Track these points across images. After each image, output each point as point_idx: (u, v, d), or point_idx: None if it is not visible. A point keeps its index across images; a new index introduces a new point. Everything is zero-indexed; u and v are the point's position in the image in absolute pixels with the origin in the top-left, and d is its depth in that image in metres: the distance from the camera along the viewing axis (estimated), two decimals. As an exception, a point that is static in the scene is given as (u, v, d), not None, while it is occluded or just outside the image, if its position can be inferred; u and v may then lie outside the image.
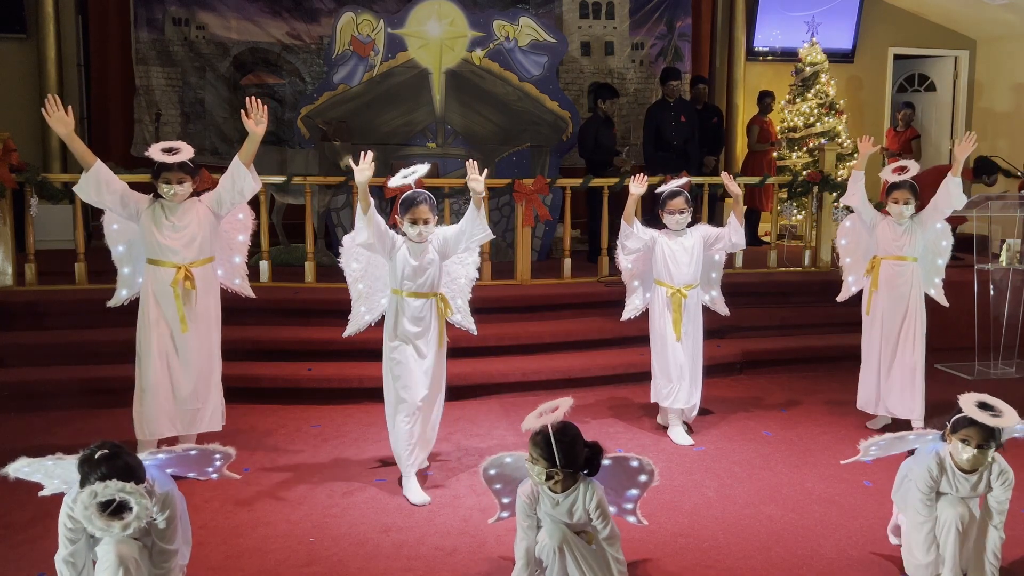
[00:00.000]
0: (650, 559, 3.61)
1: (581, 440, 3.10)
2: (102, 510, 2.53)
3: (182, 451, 3.08)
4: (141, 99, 8.91)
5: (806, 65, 9.41)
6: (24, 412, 5.27)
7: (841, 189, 7.48)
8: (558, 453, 2.99)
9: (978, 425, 3.07)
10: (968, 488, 3.19)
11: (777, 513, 4.05)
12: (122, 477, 2.56)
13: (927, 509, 3.25)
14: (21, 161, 6.53)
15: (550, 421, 3.00)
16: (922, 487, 3.24)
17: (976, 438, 3.09)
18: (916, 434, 3.44)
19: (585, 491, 3.08)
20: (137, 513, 2.54)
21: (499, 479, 3.38)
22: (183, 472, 3.15)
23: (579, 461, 3.08)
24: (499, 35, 8.06)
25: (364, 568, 3.50)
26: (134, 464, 2.69)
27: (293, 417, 5.33)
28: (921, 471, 3.24)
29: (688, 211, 4.91)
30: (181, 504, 2.96)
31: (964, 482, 3.18)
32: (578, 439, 3.08)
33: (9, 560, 3.52)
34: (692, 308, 4.97)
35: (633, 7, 9.73)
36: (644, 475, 3.26)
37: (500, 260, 7.57)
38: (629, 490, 3.34)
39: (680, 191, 4.92)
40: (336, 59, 7.88)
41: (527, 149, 8.21)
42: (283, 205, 8.00)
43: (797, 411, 5.59)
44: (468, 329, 4.59)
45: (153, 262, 4.34)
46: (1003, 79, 10.29)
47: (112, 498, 2.51)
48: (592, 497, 3.06)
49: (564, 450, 3.00)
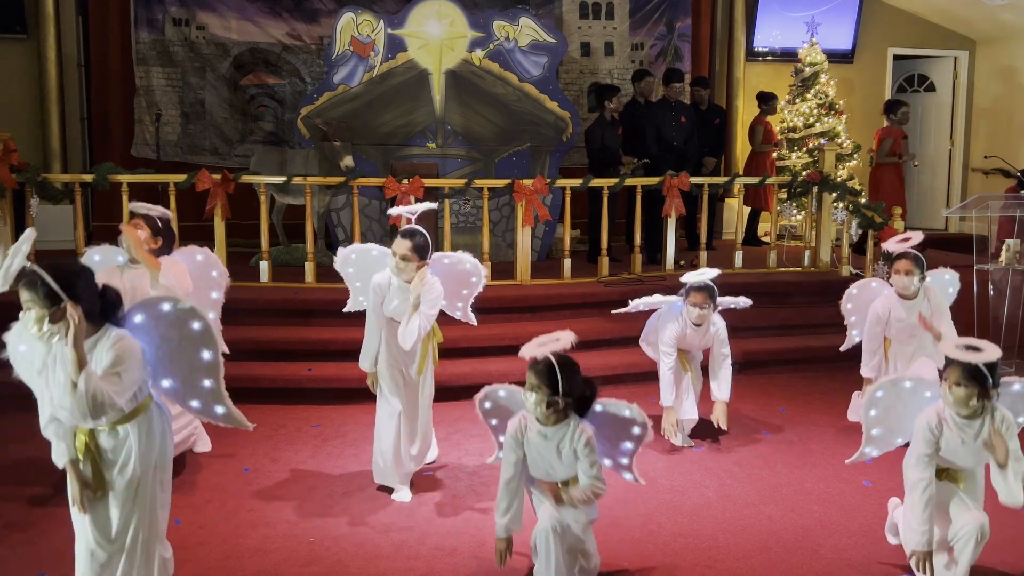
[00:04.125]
0: (650, 559, 3.61)
1: (581, 374, 3.10)
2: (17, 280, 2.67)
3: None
4: (141, 99, 8.91)
5: (806, 65, 9.41)
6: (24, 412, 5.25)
7: (841, 189, 7.49)
8: (562, 380, 2.98)
9: (960, 364, 3.08)
10: (971, 435, 3.14)
11: (777, 513, 4.05)
12: (57, 274, 2.60)
13: (925, 469, 3.21)
14: (21, 161, 6.54)
15: (552, 350, 3.00)
16: (923, 445, 3.22)
17: (956, 375, 3.09)
18: (913, 380, 3.43)
19: (575, 429, 3.07)
20: (39, 299, 2.58)
21: (494, 413, 3.40)
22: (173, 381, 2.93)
23: (577, 394, 3.08)
24: (499, 35, 8.06)
25: (364, 568, 3.50)
26: (80, 277, 2.68)
27: (293, 417, 5.33)
28: (921, 428, 3.23)
29: (708, 309, 4.74)
30: (134, 359, 2.76)
31: (967, 429, 3.15)
32: (579, 371, 3.08)
33: (9, 560, 3.52)
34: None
35: (633, 7, 9.72)
36: (637, 427, 3.21)
37: (500, 260, 7.57)
38: (623, 442, 3.28)
39: (706, 286, 4.74)
40: (336, 59, 7.89)
41: (527, 149, 8.21)
42: (283, 205, 8.01)
43: (797, 411, 5.59)
44: (469, 321, 4.57)
45: None
46: (1003, 79, 10.29)
47: (24, 268, 2.64)
48: (581, 436, 3.06)
49: (568, 378, 3.00)
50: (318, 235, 7.47)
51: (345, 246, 4.53)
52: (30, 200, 6.39)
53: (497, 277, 6.93)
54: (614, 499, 4.14)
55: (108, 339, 2.71)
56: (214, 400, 2.92)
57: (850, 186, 7.74)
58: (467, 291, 4.46)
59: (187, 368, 2.87)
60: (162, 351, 2.85)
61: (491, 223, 7.33)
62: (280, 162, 7.58)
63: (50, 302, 2.60)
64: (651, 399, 5.21)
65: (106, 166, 6.60)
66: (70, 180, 6.75)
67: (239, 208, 7.14)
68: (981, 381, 3.07)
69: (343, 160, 7.15)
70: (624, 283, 6.94)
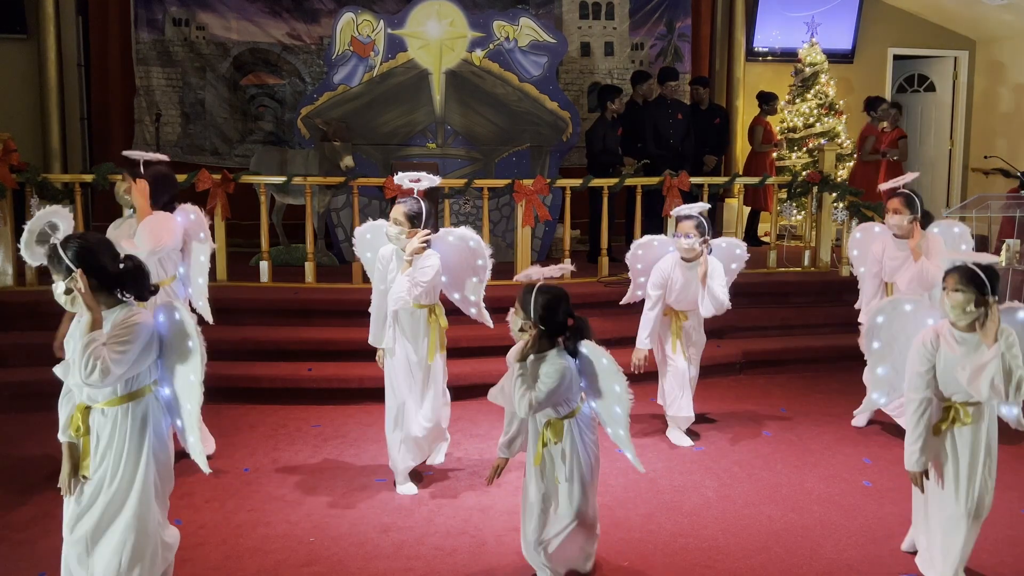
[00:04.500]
0: (650, 559, 3.61)
1: (565, 306, 3.12)
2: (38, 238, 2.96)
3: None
4: (141, 99, 8.91)
5: (806, 65, 9.41)
6: (24, 412, 5.27)
7: (841, 189, 7.49)
8: (534, 306, 3.05)
9: (958, 268, 3.11)
10: (972, 348, 3.13)
11: (777, 513, 4.05)
12: (78, 250, 2.75)
13: (923, 389, 3.20)
14: (21, 161, 6.54)
15: (542, 276, 3.05)
16: (918, 362, 3.22)
17: (954, 280, 3.11)
18: (913, 302, 3.43)
19: (554, 361, 3.10)
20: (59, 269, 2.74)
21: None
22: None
23: (556, 325, 3.10)
24: (499, 35, 8.06)
25: (364, 568, 3.50)
26: (96, 249, 2.80)
27: (293, 417, 5.33)
28: (916, 345, 3.24)
29: (695, 239, 4.66)
30: (142, 334, 2.80)
31: (967, 340, 3.14)
32: (561, 302, 3.11)
33: (9, 560, 3.52)
34: (694, 332, 4.96)
35: (633, 7, 9.72)
36: (618, 386, 3.14)
37: (500, 260, 7.54)
38: (613, 406, 3.21)
39: (693, 216, 4.69)
40: (336, 59, 7.89)
41: (527, 149, 8.21)
42: (283, 205, 8.00)
43: (797, 411, 5.59)
44: (484, 322, 4.52)
45: None
46: (1002, 79, 10.29)
47: (46, 228, 2.90)
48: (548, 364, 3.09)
49: (543, 304, 3.06)
50: (318, 235, 7.47)
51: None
52: (30, 200, 6.38)
53: (497, 277, 6.90)
54: (614, 499, 4.15)
55: (121, 313, 2.80)
56: (188, 427, 2.95)
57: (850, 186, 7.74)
58: (476, 279, 4.39)
59: (181, 382, 2.92)
60: (168, 360, 2.92)
61: (491, 223, 7.33)
62: (280, 162, 7.58)
63: (67, 273, 2.74)
64: (651, 399, 5.22)
65: (106, 166, 6.60)
66: (70, 180, 6.75)
67: (239, 208, 7.14)
68: (979, 286, 3.08)
69: (343, 160, 7.15)
70: (624, 283, 6.90)
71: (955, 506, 3.23)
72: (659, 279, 4.78)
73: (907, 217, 4.78)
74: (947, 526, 3.27)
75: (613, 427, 3.25)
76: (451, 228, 4.38)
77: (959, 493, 3.22)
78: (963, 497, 3.22)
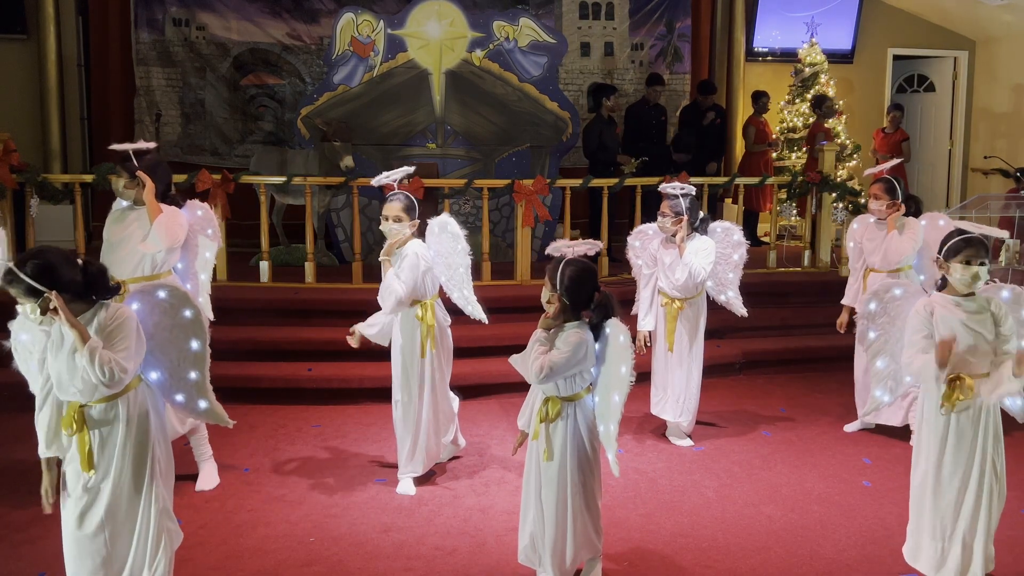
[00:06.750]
0: (650, 559, 3.61)
1: (592, 281, 3.11)
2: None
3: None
4: (141, 99, 8.91)
5: (805, 66, 9.41)
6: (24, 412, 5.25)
7: (840, 189, 7.49)
8: (560, 278, 3.05)
9: (978, 243, 3.10)
10: (973, 311, 3.13)
11: (777, 513, 4.05)
12: (41, 271, 2.66)
13: (923, 347, 3.16)
14: (21, 161, 6.54)
15: (571, 251, 3.06)
16: (915, 331, 3.20)
17: (970, 251, 3.09)
18: (901, 286, 3.43)
19: (574, 332, 3.09)
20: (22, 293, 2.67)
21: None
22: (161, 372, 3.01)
23: (581, 298, 3.10)
24: (499, 36, 8.06)
25: (364, 568, 3.51)
26: (57, 264, 2.70)
27: (293, 417, 5.33)
28: (911, 318, 3.23)
29: (668, 217, 4.67)
30: (133, 326, 2.82)
31: (962, 308, 3.14)
32: (588, 276, 3.11)
33: (9, 560, 3.53)
34: (691, 323, 4.90)
35: (633, 8, 9.72)
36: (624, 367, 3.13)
37: (500, 260, 7.57)
38: (612, 394, 3.19)
39: (671, 195, 4.69)
40: (336, 60, 7.89)
41: (527, 149, 8.21)
42: (283, 205, 8.01)
43: (797, 411, 5.59)
44: (480, 319, 4.52)
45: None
46: (1002, 79, 10.29)
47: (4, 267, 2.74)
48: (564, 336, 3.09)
49: (569, 276, 3.05)
50: (318, 235, 7.47)
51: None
52: (30, 200, 6.39)
53: (497, 277, 6.93)
54: (614, 499, 4.15)
55: (103, 314, 2.78)
56: (198, 393, 2.97)
57: (850, 186, 7.74)
58: (463, 268, 4.35)
59: (175, 358, 2.93)
60: (154, 341, 2.92)
61: (491, 223, 7.33)
62: (280, 162, 7.58)
63: (33, 295, 2.68)
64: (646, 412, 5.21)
65: (106, 166, 6.59)
66: (70, 180, 6.75)
67: (239, 208, 7.14)
68: (987, 252, 3.10)
69: (343, 160, 7.16)
70: (624, 283, 6.92)
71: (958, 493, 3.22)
72: (648, 257, 4.90)
73: (886, 202, 4.88)
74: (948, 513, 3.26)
75: (605, 423, 3.23)
76: (435, 219, 4.37)
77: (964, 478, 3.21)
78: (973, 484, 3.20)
